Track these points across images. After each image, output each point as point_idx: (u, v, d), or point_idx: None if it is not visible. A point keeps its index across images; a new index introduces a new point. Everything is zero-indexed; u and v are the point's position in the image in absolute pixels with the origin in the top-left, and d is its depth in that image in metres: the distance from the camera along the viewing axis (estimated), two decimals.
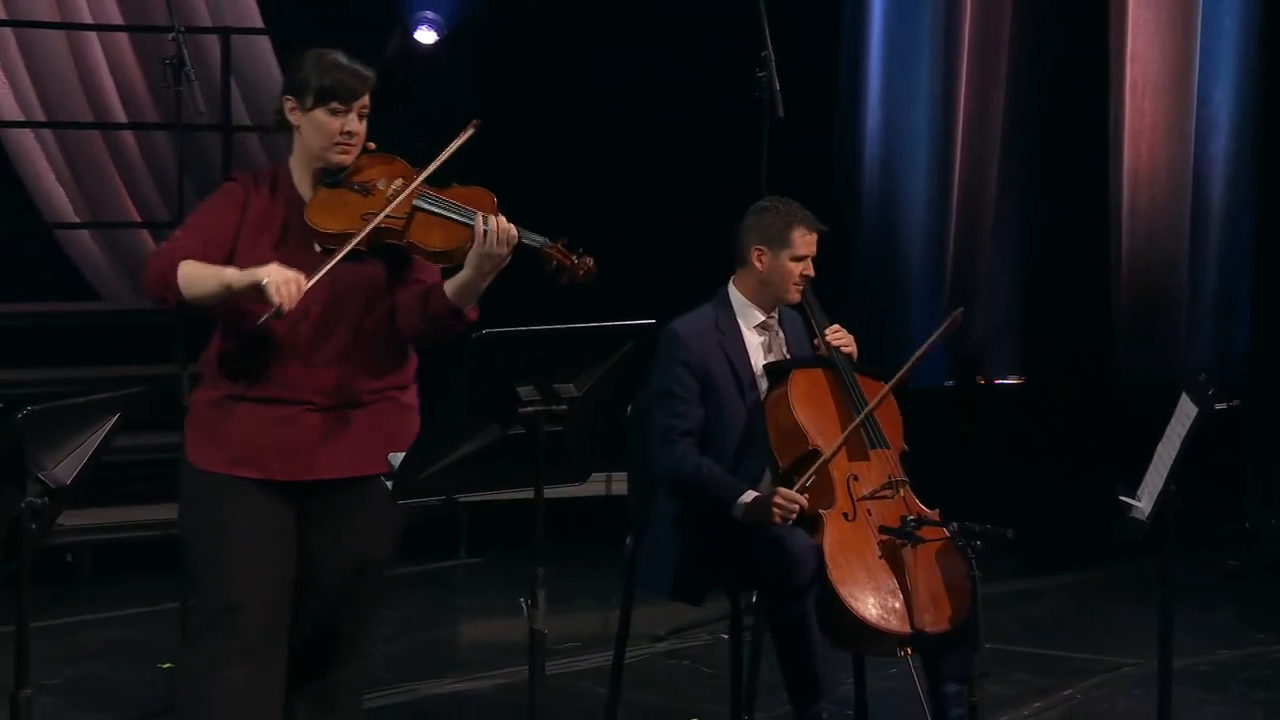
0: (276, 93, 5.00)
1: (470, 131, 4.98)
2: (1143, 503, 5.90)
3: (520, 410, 4.52)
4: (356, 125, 4.86)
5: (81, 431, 3.80)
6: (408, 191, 4.82)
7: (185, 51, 6.42)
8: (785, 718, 6.09)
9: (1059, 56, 11.36)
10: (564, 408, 4.57)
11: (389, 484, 4.55)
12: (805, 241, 6.12)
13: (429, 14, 11.12)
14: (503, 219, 4.79)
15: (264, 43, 10.60)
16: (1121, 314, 11.07)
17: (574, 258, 4.92)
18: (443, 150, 4.93)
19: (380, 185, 4.86)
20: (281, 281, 4.59)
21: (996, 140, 11.48)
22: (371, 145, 4.92)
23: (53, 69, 10.41)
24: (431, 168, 4.89)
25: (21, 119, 10.19)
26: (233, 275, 4.69)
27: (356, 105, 4.85)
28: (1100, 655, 7.53)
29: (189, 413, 4.99)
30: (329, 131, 4.84)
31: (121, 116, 10.42)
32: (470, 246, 4.79)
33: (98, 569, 8.72)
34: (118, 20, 10.40)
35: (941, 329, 5.94)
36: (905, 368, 6.00)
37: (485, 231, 4.76)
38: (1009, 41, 11.41)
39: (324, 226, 4.79)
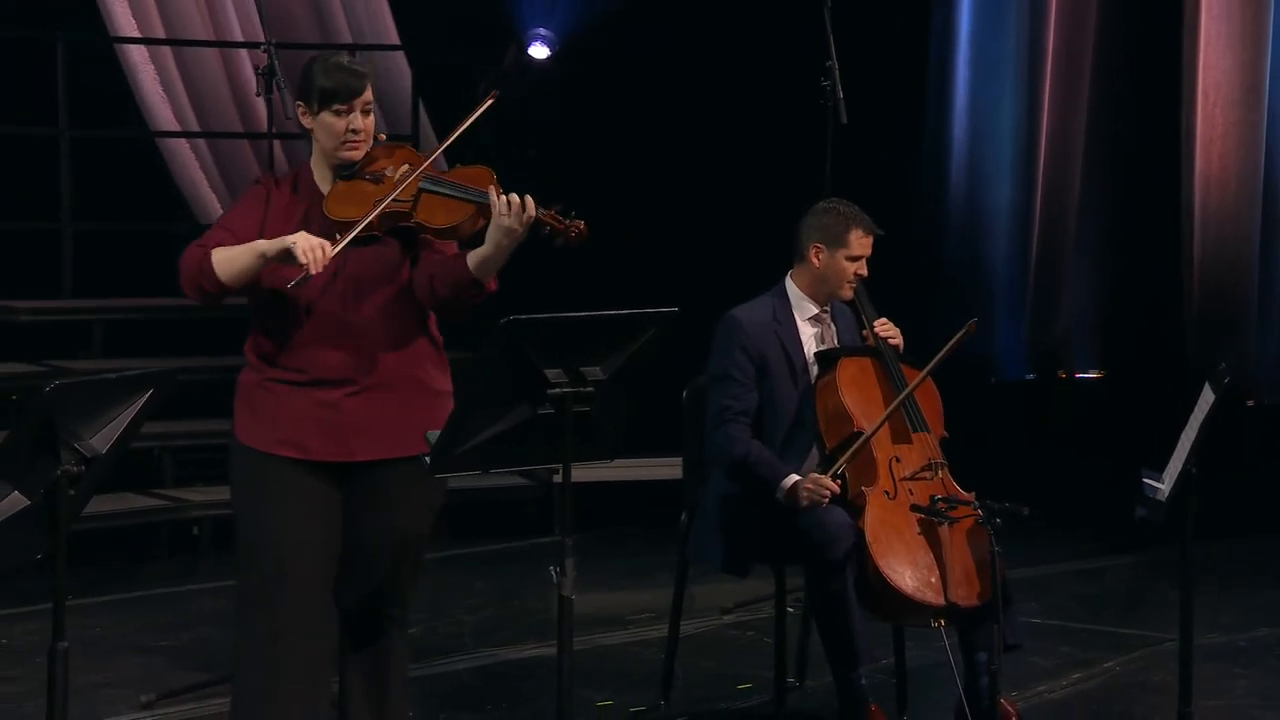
0: (408, 104, 5.03)
1: (489, 103, 4.97)
2: (1164, 485, 5.81)
3: (549, 392, 4.53)
4: (360, 122, 4.84)
5: (116, 405, 3.84)
6: (414, 176, 4.83)
7: (276, 63, 6.49)
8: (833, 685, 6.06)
9: (1137, 68, 11.25)
10: (590, 390, 4.57)
11: (427, 460, 4.58)
12: (861, 243, 6.10)
13: (542, 30, 11.23)
14: (512, 194, 4.78)
15: (399, 58, 10.70)
16: (1193, 313, 10.93)
17: (566, 221, 4.87)
18: (448, 135, 4.95)
19: (389, 173, 4.88)
20: (308, 246, 4.63)
21: (1079, 147, 11.37)
22: (382, 137, 4.94)
23: (208, 83, 10.56)
24: (435, 154, 4.90)
25: (177, 129, 10.35)
26: (264, 244, 4.72)
27: (358, 103, 4.82)
28: (1146, 631, 7.41)
29: (237, 392, 4.98)
30: (336, 131, 4.84)
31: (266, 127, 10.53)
32: (471, 222, 4.80)
33: (218, 542, 8.82)
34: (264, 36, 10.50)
35: (958, 337, 5.89)
36: (930, 366, 5.96)
37: (498, 206, 4.72)
38: (1091, 53, 11.31)
39: (340, 215, 4.82)
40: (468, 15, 11.15)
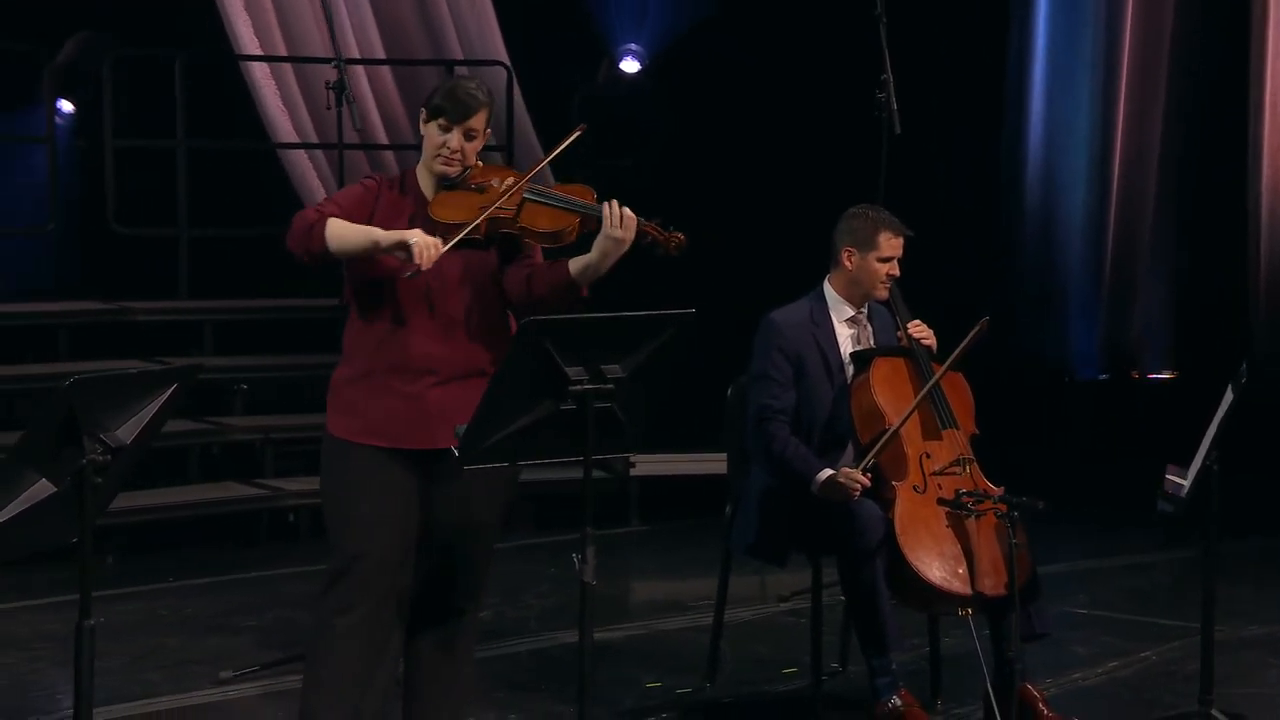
0: (503, 116, 5.21)
1: (577, 134, 5.10)
2: (1186, 481, 5.77)
3: (571, 388, 4.58)
4: (456, 142, 4.96)
5: (141, 398, 3.92)
6: (519, 185, 4.96)
7: (345, 78, 6.57)
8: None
9: (1210, 78, 11.15)
10: (610, 387, 4.61)
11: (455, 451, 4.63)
12: (891, 245, 6.11)
13: (632, 46, 11.32)
14: (623, 208, 4.86)
15: (498, 72, 10.78)
16: (1261, 315, 10.81)
17: (666, 234, 4.97)
18: (550, 152, 5.11)
19: (494, 183, 5.00)
20: (425, 244, 4.76)
21: (1153, 156, 11.28)
22: (479, 164, 5.04)
23: (324, 98, 10.66)
24: (540, 166, 5.06)
25: (297, 141, 10.50)
26: (381, 234, 4.83)
27: (461, 126, 4.95)
28: (1187, 622, 7.32)
29: (329, 390, 5.08)
30: (434, 143, 4.98)
31: (384, 139, 10.62)
32: (573, 230, 4.92)
33: (314, 530, 8.92)
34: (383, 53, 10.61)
35: (972, 334, 5.87)
36: (949, 362, 5.95)
37: (609, 219, 4.83)
38: (1167, 65, 11.21)
39: (445, 219, 4.93)
40: (562, 32, 11.27)
